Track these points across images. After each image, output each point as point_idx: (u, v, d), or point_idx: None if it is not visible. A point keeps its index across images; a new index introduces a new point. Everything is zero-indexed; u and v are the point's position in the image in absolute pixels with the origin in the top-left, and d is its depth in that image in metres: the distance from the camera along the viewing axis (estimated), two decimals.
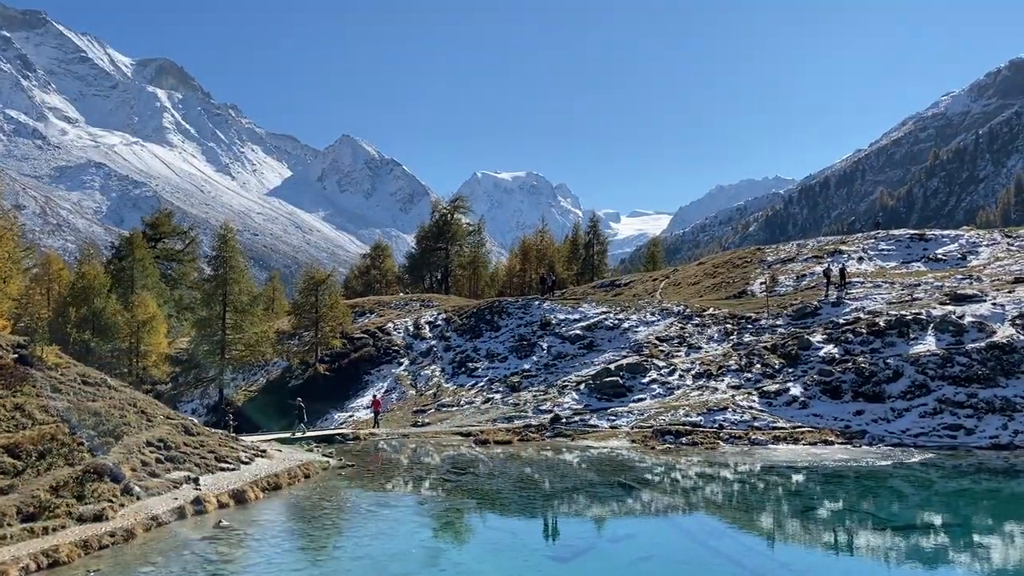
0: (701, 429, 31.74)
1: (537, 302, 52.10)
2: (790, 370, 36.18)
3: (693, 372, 38.42)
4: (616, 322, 46.36)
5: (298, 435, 34.38)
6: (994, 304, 36.62)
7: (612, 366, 40.01)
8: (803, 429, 31.02)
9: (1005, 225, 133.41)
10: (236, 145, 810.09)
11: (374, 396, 42.11)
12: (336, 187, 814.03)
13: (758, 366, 37.18)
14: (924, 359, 33.47)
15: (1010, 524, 19.38)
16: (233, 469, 23.46)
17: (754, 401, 34.01)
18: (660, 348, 41.65)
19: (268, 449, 28.18)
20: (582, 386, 39.11)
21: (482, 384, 43.81)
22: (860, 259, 51.54)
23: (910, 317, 36.59)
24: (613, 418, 34.86)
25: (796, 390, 34.16)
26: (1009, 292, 38.06)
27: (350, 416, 43.61)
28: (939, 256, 49.99)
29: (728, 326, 42.65)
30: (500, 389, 42.30)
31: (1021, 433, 28.91)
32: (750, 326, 41.87)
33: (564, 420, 35.17)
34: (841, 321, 38.65)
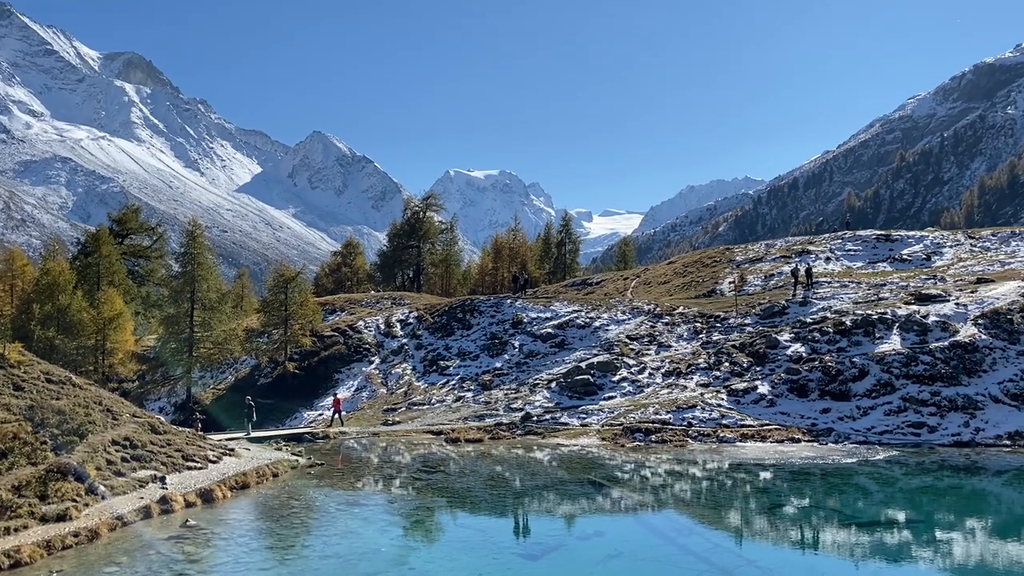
0: (670, 427, 31.99)
1: (509, 300, 52.15)
2: (758, 368, 36.57)
3: (663, 370, 38.71)
4: (587, 320, 46.55)
5: (249, 434, 34.06)
6: (957, 304, 37.29)
7: (583, 364, 40.18)
8: (770, 427, 31.38)
9: (969, 226, 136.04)
10: (205, 140, 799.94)
11: (335, 395, 41.91)
12: (307, 184, 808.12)
13: (727, 364, 37.54)
14: (889, 358, 34.00)
15: (971, 520, 19.81)
16: (201, 468, 23.24)
17: (722, 399, 34.33)
18: (630, 346, 41.89)
19: (236, 448, 27.95)
20: (553, 384, 39.23)
21: (453, 382, 43.78)
22: (827, 259, 52.27)
23: (876, 317, 37.15)
24: (584, 416, 35.01)
25: (764, 388, 34.54)
26: (972, 292, 38.79)
27: (320, 415, 43.32)
28: (904, 256, 50.84)
29: (697, 325, 43.03)
30: (471, 387, 42.31)
31: (982, 431, 29.51)
32: (719, 325, 42.26)
33: (535, 418, 35.25)
34: (808, 320, 39.14)
